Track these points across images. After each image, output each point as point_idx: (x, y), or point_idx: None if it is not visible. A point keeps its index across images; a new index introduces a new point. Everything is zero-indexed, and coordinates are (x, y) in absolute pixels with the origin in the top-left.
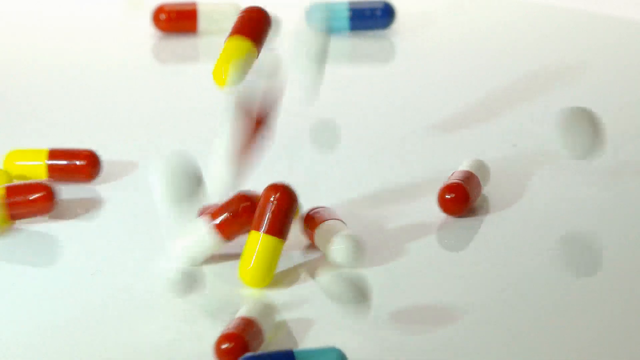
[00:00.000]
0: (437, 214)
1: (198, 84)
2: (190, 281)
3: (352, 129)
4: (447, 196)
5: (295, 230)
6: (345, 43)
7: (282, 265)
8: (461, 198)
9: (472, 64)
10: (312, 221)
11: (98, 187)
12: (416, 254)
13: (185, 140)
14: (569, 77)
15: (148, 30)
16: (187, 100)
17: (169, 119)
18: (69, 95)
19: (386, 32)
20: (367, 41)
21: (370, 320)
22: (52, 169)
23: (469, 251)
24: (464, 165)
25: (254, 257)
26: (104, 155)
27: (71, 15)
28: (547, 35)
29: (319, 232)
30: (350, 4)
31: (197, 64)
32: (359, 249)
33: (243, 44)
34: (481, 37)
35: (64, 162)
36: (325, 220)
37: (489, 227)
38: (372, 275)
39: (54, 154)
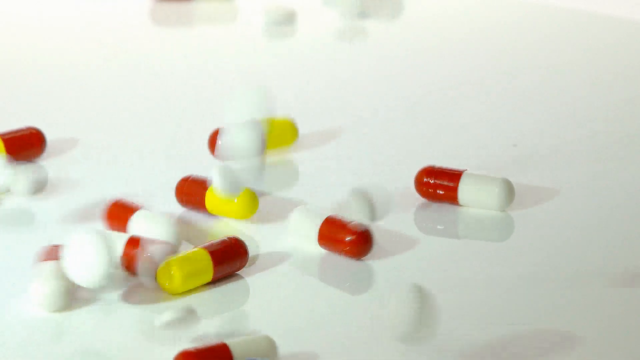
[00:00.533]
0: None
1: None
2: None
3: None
4: (424, 179)
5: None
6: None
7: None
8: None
9: (472, 63)
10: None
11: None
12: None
13: (182, 103)
14: (569, 77)
15: None
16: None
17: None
18: (61, 65)
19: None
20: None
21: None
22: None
23: (472, 249)
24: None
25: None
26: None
27: None
28: (547, 35)
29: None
30: None
31: (191, 28)
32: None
33: None
34: (481, 37)
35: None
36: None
37: (483, 224)
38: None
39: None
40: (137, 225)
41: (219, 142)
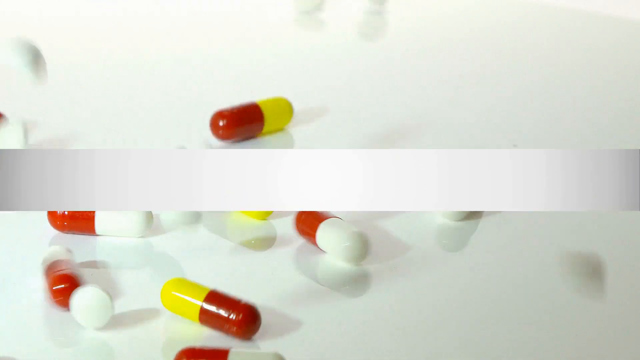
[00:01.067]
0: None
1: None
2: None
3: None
4: None
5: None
6: None
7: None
8: None
9: (473, 63)
10: (310, 222)
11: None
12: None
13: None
14: (569, 77)
15: None
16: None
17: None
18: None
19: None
20: None
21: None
22: None
23: (468, 253)
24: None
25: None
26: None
27: None
28: (547, 35)
29: (321, 233)
30: None
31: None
32: (365, 246)
33: None
34: (481, 37)
35: None
36: (324, 219)
37: (482, 228)
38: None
39: None
40: (105, 219)
41: None
